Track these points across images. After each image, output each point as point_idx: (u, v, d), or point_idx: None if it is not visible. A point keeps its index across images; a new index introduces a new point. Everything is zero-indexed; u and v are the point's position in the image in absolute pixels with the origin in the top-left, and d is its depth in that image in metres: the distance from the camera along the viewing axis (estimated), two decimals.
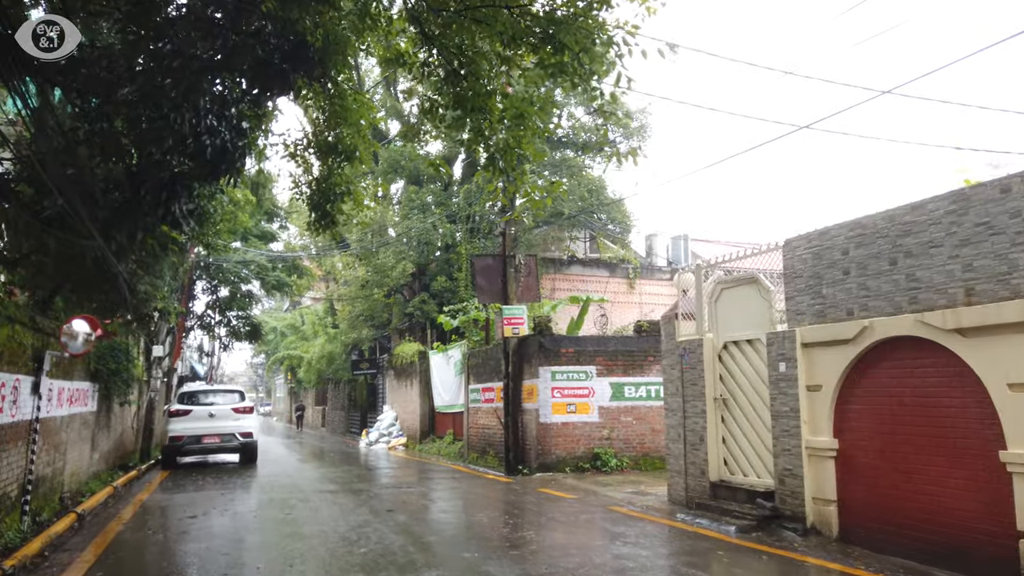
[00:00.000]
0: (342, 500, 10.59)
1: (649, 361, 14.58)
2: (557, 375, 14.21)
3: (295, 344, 49.52)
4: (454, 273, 24.67)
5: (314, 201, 8.53)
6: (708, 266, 9.54)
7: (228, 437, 16.80)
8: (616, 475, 13.52)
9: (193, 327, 31.36)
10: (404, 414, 24.56)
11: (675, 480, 9.81)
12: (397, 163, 24.83)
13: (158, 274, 13.52)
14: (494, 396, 16.58)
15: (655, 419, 14.40)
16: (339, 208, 8.43)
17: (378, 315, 27.24)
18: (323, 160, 8.57)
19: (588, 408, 14.24)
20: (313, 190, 8.55)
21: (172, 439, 16.47)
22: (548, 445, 14.00)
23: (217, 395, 17.76)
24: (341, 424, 36.72)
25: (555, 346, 14.31)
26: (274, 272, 29.27)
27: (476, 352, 18.17)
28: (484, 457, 16.81)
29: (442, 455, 19.63)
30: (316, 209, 8.50)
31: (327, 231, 8.62)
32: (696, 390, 9.35)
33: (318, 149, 8.58)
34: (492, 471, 15.19)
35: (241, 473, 15.33)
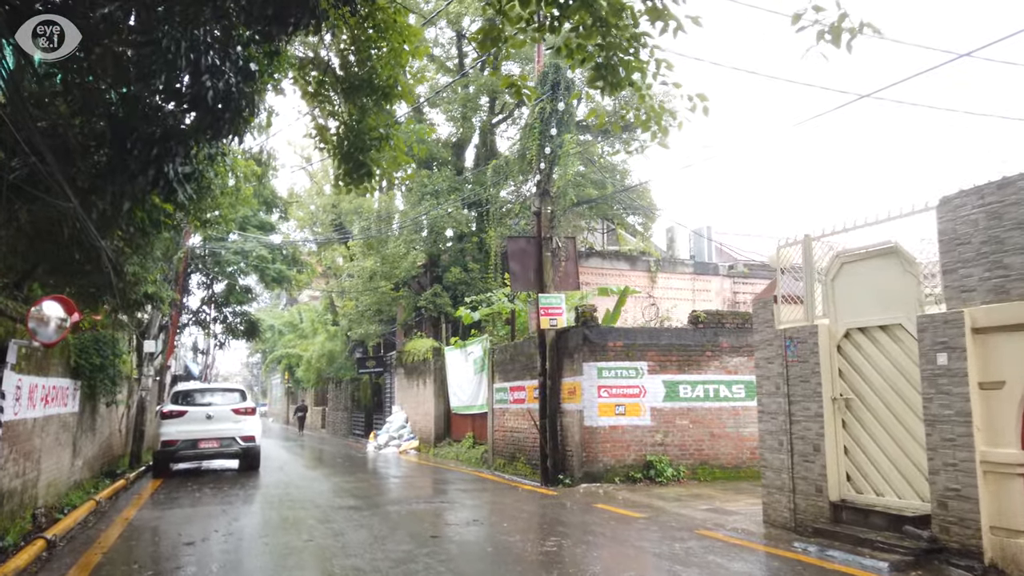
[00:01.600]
0: (369, 520, 8.84)
1: (707, 357, 12.87)
2: (604, 372, 12.50)
3: (293, 342, 47.72)
4: (469, 264, 22.96)
5: (344, 150, 6.80)
6: (820, 236, 7.82)
7: (228, 441, 15.03)
8: (674, 486, 11.82)
9: (188, 323, 29.68)
10: (416, 415, 22.81)
11: (774, 498, 8.10)
12: (408, 145, 23.01)
13: (149, 254, 11.76)
14: (525, 396, 14.87)
15: (714, 422, 12.71)
16: (374, 159, 6.70)
17: (385, 310, 25.49)
18: (352, 100, 6.85)
19: (639, 409, 12.53)
20: (341, 137, 6.82)
21: (165, 444, 14.69)
22: (594, 451, 12.28)
23: (215, 394, 15.99)
24: (343, 426, 34.94)
25: (602, 339, 12.60)
26: (274, 265, 27.55)
27: (502, 347, 16.45)
28: (513, 464, 15.08)
29: (461, 460, 17.90)
30: (347, 160, 6.77)
31: (362, 184, 6.88)
32: (807, 388, 7.64)
33: (347, 86, 6.85)
34: (525, 480, 13.48)
35: (243, 483, 13.57)
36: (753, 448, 12.77)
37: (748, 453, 12.74)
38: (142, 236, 11.18)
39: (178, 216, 12.21)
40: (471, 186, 22.91)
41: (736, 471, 12.64)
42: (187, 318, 29.18)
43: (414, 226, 25.33)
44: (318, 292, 50.99)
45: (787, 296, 8.06)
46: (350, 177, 6.80)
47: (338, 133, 6.80)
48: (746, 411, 12.84)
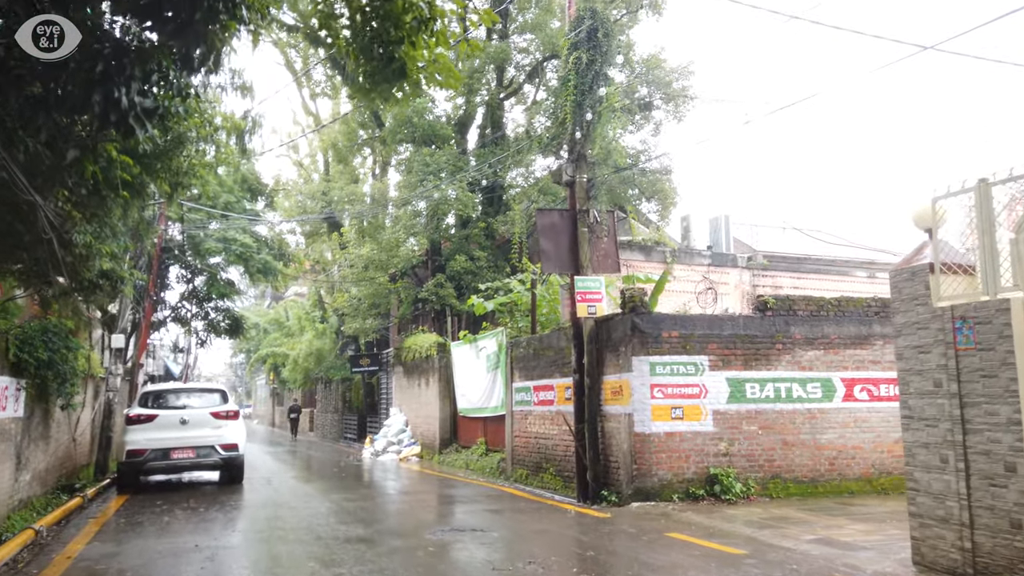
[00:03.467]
0: (390, 564, 6.71)
1: (777, 350, 10.86)
2: (658, 368, 10.45)
3: (279, 341, 45.37)
4: (475, 252, 20.85)
5: (363, 41, 4.67)
6: (1004, 180, 5.78)
7: (206, 451, 12.85)
8: (745, 505, 9.80)
9: (166, 320, 27.43)
10: (416, 418, 20.67)
11: (933, 532, 6.08)
12: (408, 120, 20.91)
13: (106, 223, 9.57)
14: (553, 396, 12.80)
15: (786, 428, 10.70)
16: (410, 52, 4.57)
17: (382, 303, 23.31)
18: None
19: (699, 413, 10.49)
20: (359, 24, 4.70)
21: (131, 454, 12.47)
22: (647, 463, 10.23)
23: (191, 396, 13.77)
24: (333, 429, 32.73)
25: (655, 328, 10.54)
26: (260, 255, 25.34)
27: (522, 341, 14.37)
28: (539, 475, 13.01)
29: (472, 470, 15.80)
30: (368, 54, 4.64)
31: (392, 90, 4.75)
32: (992, 386, 5.62)
33: None
34: (558, 495, 11.44)
35: (223, 500, 11.40)
36: (832, 459, 10.78)
37: (826, 464, 10.74)
38: (96, 199, 9.01)
39: (142, 177, 10.06)
40: (476, 165, 20.81)
41: (813, 486, 10.63)
42: (166, 314, 26.97)
43: (414, 212, 23.19)
44: (305, 289, 48.73)
45: (949, 264, 6.04)
46: (373, 80, 4.68)
47: (354, 18, 4.66)
48: (823, 414, 10.84)
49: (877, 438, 10.94)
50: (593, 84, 11.48)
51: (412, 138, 21.31)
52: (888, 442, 10.93)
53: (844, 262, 26.88)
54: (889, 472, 10.87)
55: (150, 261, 19.41)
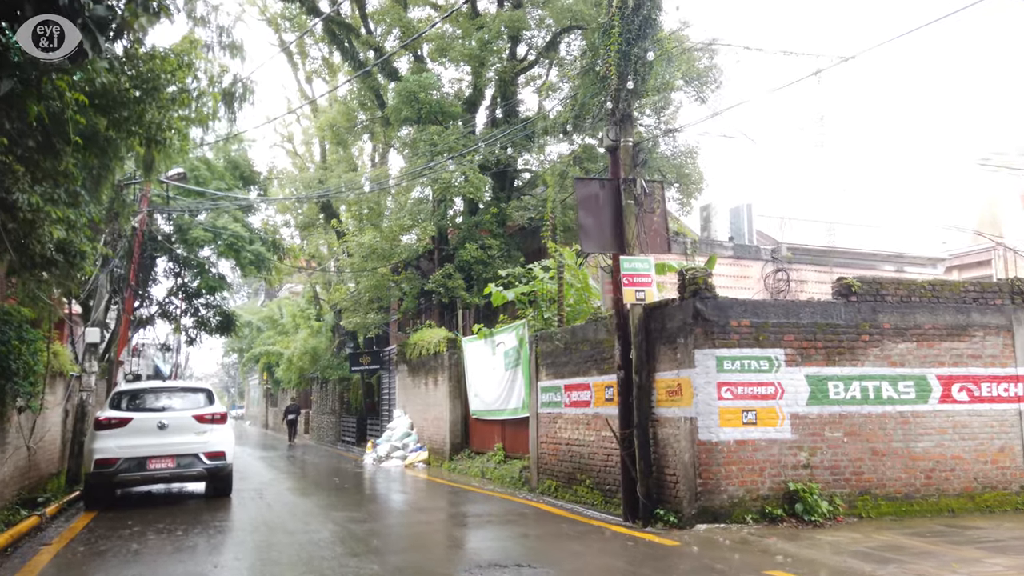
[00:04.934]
0: None
1: (863, 342, 9.18)
2: (726, 363, 8.76)
3: (272, 339, 43.57)
4: (486, 240, 19.13)
5: None
6: None
7: (188, 460, 11.11)
8: (833, 528, 8.13)
9: (153, 317, 25.66)
10: (423, 421, 18.94)
11: None
12: (412, 96, 19.15)
13: (62, 186, 7.84)
14: (590, 397, 11.11)
15: (875, 434, 9.01)
16: None
17: (384, 297, 21.55)
18: None
19: (775, 417, 8.80)
20: None
21: (100, 464, 10.71)
22: (714, 477, 8.54)
23: (172, 396, 12.01)
24: (330, 432, 31.00)
25: (721, 316, 8.85)
26: (252, 246, 23.61)
27: (550, 334, 12.67)
28: (571, 488, 11.32)
29: (490, 479, 14.11)
30: None
31: None
32: None
33: None
34: (598, 513, 9.82)
35: (207, 522, 9.65)
36: (929, 471, 9.11)
37: (923, 478, 9.06)
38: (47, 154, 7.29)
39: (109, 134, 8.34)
40: (492, 137, 19.06)
41: (908, 503, 8.95)
42: (153, 311, 25.22)
43: (419, 198, 21.47)
44: (299, 287, 46.94)
45: None
46: None
47: None
48: (917, 418, 9.17)
49: (979, 446, 9.27)
50: (642, 30, 9.79)
51: (417, 116, 19.56)
52: (992, 451, 9.27)
53: (871, 255, 25.35)
54: (994, 487, 9.20)
55: (130, 248, 17.66)
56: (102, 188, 10.97)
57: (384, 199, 22.79)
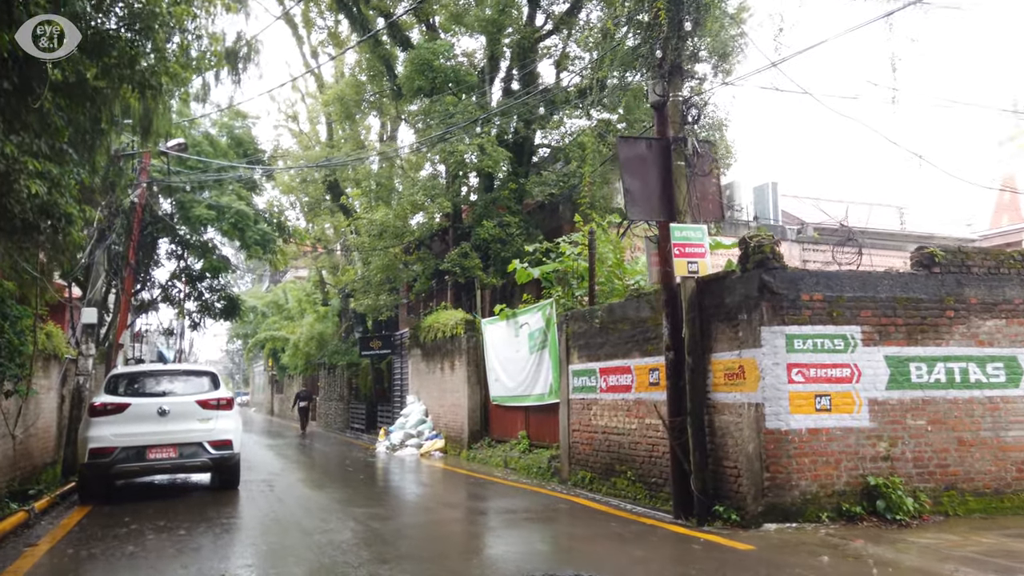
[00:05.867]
0: None
1: (947, 319, 8.16)
2: (797, 342, 7.76)
3: (278, 325, 42.66)
4: (505, 217, 18.08)
5: None
6: None
7: (191, 449, 10.16)
8: (920, 528, 7.15)
9: (156, 300, 24.73)
10: (439, 408, 17.98)
11: None
12: (426, 65, 18.05)
13: (41, 138, 6.83)
14: (631, 381, 10.12)
15: (962, 422, 8.01)
16: None
17: (396, 278, 20.51)
18: None
19: (851, 402, 7.80)
20: None
21: (95, 454, 9.76)
22: (784, 470, 7.55)
23: (174, 380, 11.05)
24: (338, 419, 30.10)
25: (791, 289, 7.84)
26: (257, 225, 22.61)
27: (584, 313, 11.66)
28: (609, 480, 10.35)
29: (514, 469, 13.17)
30: None
31: None
32: None
33: None
34: (641, 508, 8.87)
35: (213, 518, 8.70)
36: (1021, 463, 8.12)
37: (1014, 471, 8.07)
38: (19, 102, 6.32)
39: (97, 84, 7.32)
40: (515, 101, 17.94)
41: (998, 499, 7.95)
42: (155, 294, 24.28)
43: (432, 174, 20.41)
44: (304, 272, 45.94)
45: None
46: None
47: None
48: (1007, 404, 8.16)
49: None
50: None
51: (431, 86, 18.46)
52: None
53: (904, 236, 24.32)
54: None
55: (129, 224, 16.66)
56: (97, 154, 10.00)
57: (394, 176, 21.75)
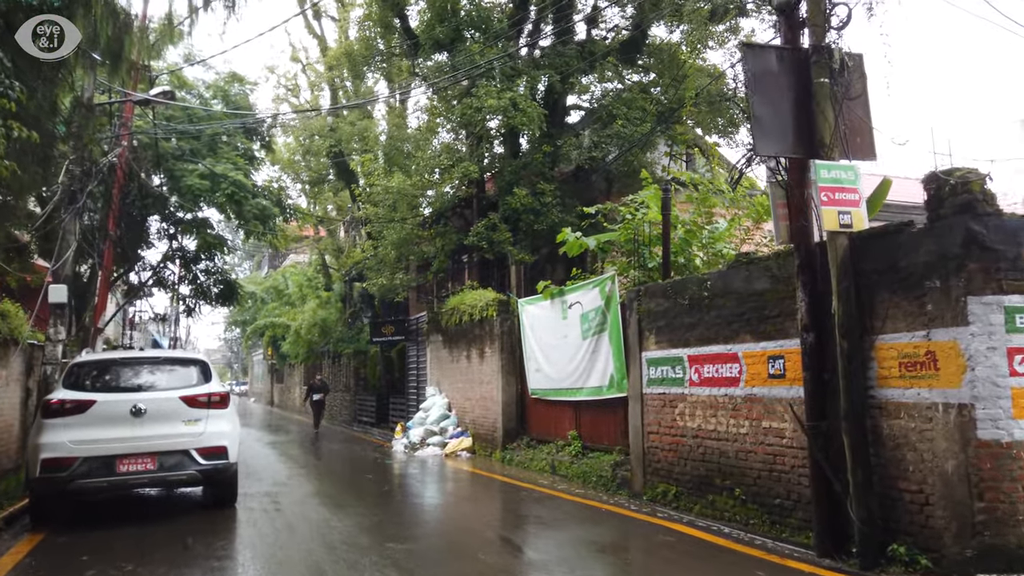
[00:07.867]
0: None
1: None
2: (1019, 318, 5.52)
3: (278, 311, 40.43)
4: (539, 185, 15.78)
5: None
6: None
7: (174, 459, 7.91)
8: None
9: (147, 283, 22.49)
10: (465, 401, 15.75)
11: None
12: (447, 9, 15.70)
13: None
14: (738, 372, 7.87)
15: None
16: None
17: (414, 254, 18.19)
18: None
19: None
20: None
21: (49, 466, 7.48)
22: (1007, 498, 5.33)
23: (154, 371, 8.68)
24: (345, 411, 27.93)
25: (1011, 244, 5.59)
26: (255, 199, 20.37)
27: (661, 288, 9.40)
28: (704, 497, 8.14)
29: (564, 476, 10.98)
30: None
31: None
32: None
33: None
34: (759, 538, 6.65)
35: (199, 559, 6.44)
36: None
37: None
38: None
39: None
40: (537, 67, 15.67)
41: None
42: (146, 277, 22.05)
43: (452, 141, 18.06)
44: (304, 257, 43.68)
45: None
46: None
47: None
48: None
49: None
50: None
51: (453, 36, 16.15)
52: None
53: None
54: None
55: (108, 190, 14.37)
56: (57, 92, 7.88)
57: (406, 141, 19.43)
